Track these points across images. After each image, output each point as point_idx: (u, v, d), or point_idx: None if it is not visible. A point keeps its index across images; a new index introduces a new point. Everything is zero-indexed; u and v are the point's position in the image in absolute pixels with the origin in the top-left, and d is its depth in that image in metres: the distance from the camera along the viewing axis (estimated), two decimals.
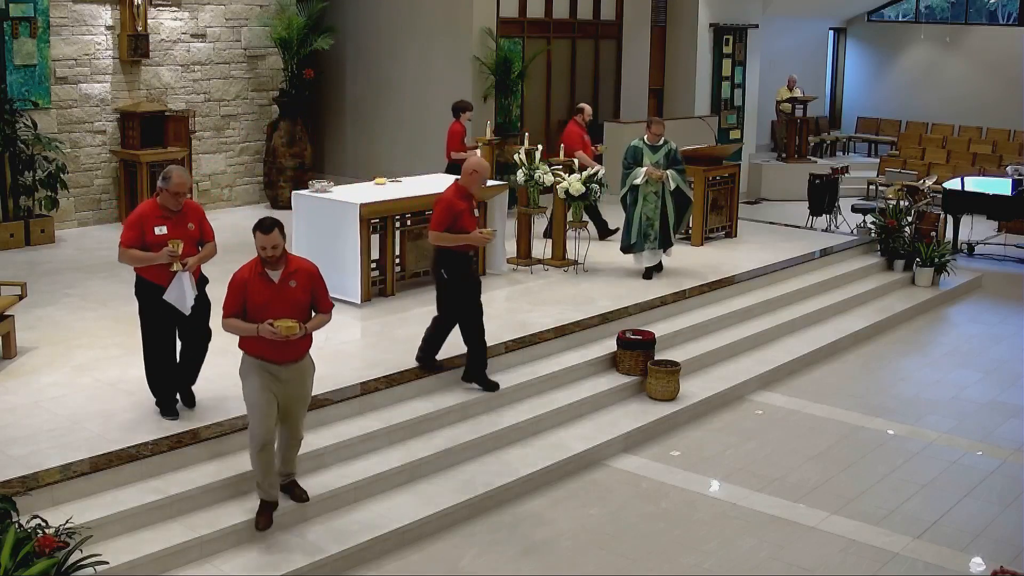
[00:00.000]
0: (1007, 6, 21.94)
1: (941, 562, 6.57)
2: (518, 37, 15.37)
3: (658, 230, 10.72)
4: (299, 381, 6.25)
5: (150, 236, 6.70)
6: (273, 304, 6.03)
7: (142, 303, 6.95)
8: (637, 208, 10.70)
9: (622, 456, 7.97)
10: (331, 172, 15.65)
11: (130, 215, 6.89)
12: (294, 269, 6.13)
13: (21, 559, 5.10)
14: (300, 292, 6.14)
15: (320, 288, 6.25)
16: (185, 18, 13.65)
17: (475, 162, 7.89)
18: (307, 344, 6.28)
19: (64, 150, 12.37)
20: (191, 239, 6.83)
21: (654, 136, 10.75)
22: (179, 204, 6.76)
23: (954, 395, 9.56)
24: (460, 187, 7.82)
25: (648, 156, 10.69)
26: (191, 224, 6.87)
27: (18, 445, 6.52)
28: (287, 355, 6.14)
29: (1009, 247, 14.92)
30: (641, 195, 10.67)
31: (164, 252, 6.65)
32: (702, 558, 6.56)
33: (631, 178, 10.66)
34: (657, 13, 17.68)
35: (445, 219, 7.66)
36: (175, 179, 6.68)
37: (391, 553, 6.44)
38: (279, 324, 5.90)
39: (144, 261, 6.74)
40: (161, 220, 6.74)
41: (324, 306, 6.28)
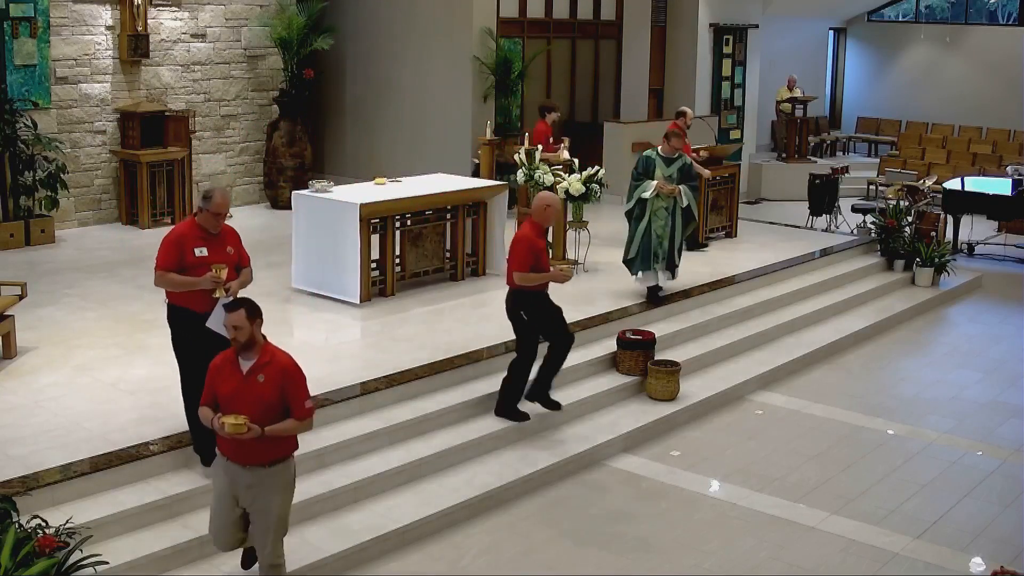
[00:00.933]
0: (1007, 6, 21.94)
1: (941, 562, 6.57)
2: (518, 37, 15.37)
3: (666, 249, 9.97)
4: (260, 493, 5.39)
5: (190, 257, 6.23)
6: (237, 398, 5.28)
7: (177, 331, 6.42)
8: (643, 223, 9.91)
9: (622, 456, 7.97)
10: (331, 172, 15.65)
11: (167, 236, 6.35)
12: (266, 361, 5.33)
13: (21, 559, 5.10)
14: (268, 389, 5.29)
15: (294, 387, 5.35)
16: (185, 18, 13.65)
17: (549, 197, 7.79)
18: (276, 450, 5.37)
19: (64, 150, 12.37)
20: (230, 263, 6.35)
21: (671, 149, 9.97)
22: (219, 226, 6.32)
23: (954, 395, 9.56)
24: (535, 224, 7.68)
25: (661, 169, 9.88)
26: (230, 248, 6.42)
27: (18, 445, 6.52)
28: (245, 457, 5.33)
29: (1009, 247, 14.92)
30: (650, 210, 9.87)
31: (207, 278, 6.17)
32: (702, 558, 6.55)
33: (640, 191, 9.87)
34: (657, 13, 17.68)
35: (528, 259, 7.55)
36: (217, 198, 6.24)
37: (391, 553, 6.44)
38: (224, 419, 5.17)
39: (185, 286, 6.23)
40: (201, 241, 6.28)
41: (298, 411, 5.35)
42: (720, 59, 18.61)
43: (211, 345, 6.14)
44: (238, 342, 5.29)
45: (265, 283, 10.36)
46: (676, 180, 9.89)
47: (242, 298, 5.42)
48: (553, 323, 7.83)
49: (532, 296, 7.68)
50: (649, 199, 9.84)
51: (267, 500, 5.38)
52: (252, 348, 5.32)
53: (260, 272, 10.78)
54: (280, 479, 5.42)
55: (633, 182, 9.95)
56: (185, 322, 6.32)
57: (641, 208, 9.93)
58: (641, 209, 9.93)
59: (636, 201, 9.93)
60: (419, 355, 8.33)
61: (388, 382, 7.76)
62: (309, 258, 10.02)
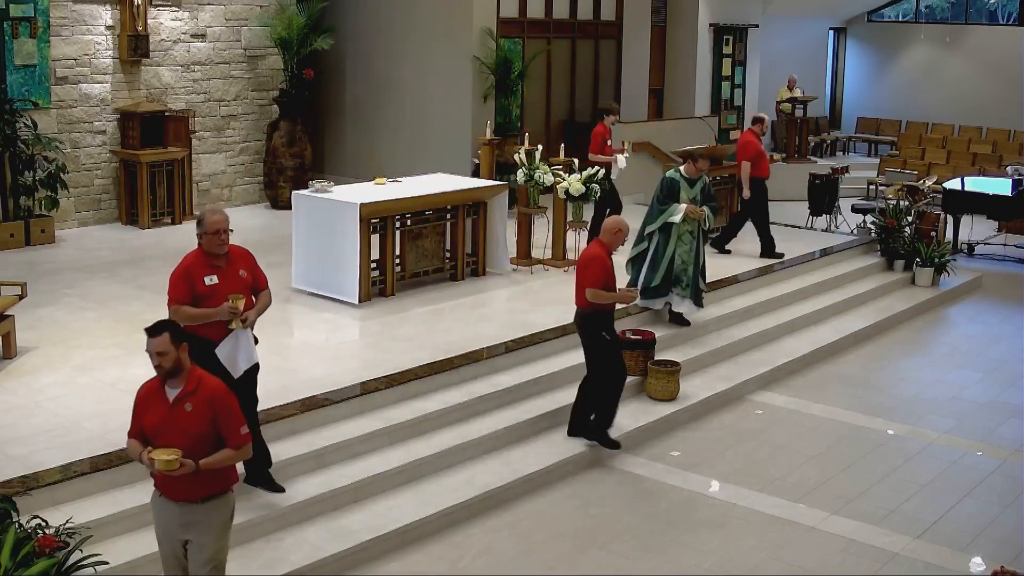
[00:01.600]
0: (1007, 6, 21.94)
1: (941, 562, 6.57)
2: (518, 37, 15.37)
3: (691, 276, 9.56)
4: (193, 532, 4.88)
5: (200, 288, 5.97)
6: (165, 430, 4.80)
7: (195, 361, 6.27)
8: (669, 249, 9.45)
9: (622, 456, 7.97)
10: (331, 172, 15.65)
11: (175, 269, 6.10)
12: (192, 388, 4.82)
13: (21, 559, 5.10)
14: (196, 418, 4.80)
15: (225, 415, 4.85)
16: (185, 18, 13.65)
17: (620, 222, 7.82)
18: (210, 485, 4.85)
19: (64, 150, 12.37)
20: (244, 287, 6.08)
21: (696, 171, 9.55)
22: (223, 245, 6.01)
23: (954, 395, 9.56)
24: (605, 245, 7.71)
25: (685, 191, 9.45)
26: (242, 271, 6.13)
27: (18, 445, 6.52)
28: (176, 492, 4.85)
29: (1009, 247, 14.92)
30: (675, 235, 9.43)
31: (224, 308, 5.93)
32: (702, 558, 6.55)
33: (667, 215, 9.37)
34: (657, 13, 17.69)
35: (602, 276, 7.59)
36: (208, 218, 5.99)
37: (391, 553, 6.44)
38: (155, 454, 4.70)
39: (201, 319, 5.96)
40: (210, 269, 6.01)
41: (232, 439, 4.85)
42: (720, 59, 18.62)
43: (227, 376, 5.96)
44: (163, 369, 4.78)
45: None
46: (699, 202, 9.52)
47: (165, 320, 4.91)
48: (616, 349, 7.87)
49: (603, 316, 7.74)
50: (676, 223, 9.41)
51: (201, 540, 4.87)
52: (179, 375, 4.82)
53: None
54: (215, 517, 4.90)
55: (659, 206, 9.45)
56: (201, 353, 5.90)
57: (665, 233, 9.48)
58: (665, 234, 9.48)
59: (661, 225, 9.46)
60: (419, 355, 8.33)
61: (388, 382, 7.76)
62: (309, 258, 10.02)
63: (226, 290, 5.95)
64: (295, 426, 7.05)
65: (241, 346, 6.06)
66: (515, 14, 15.39)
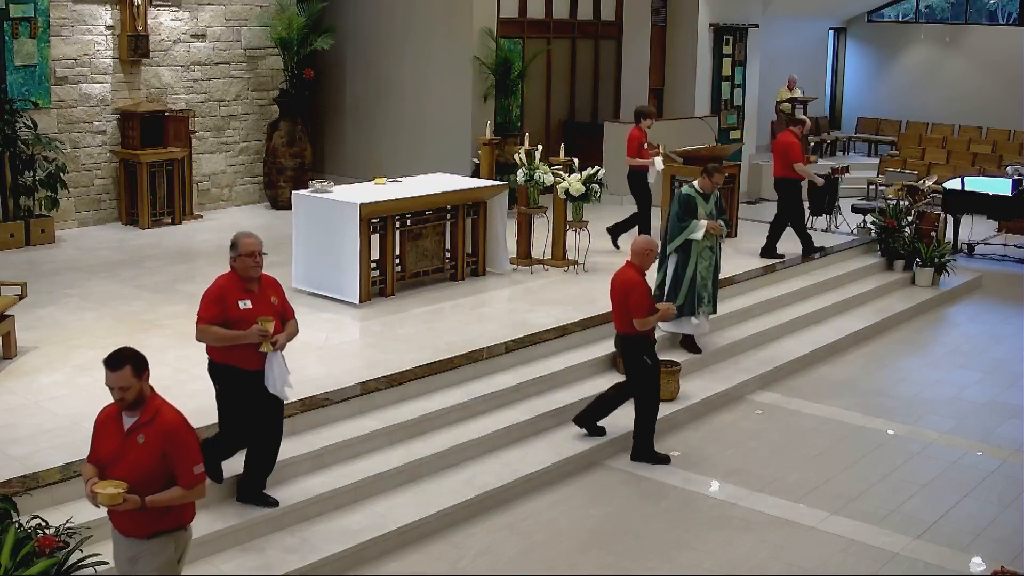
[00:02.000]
0: (1007, 6, 21.94)
1: (941, 562, 6.57)
2: (518, 37, 15.37)
3: (711, 292, 9.35)
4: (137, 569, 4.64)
5: (233, 312, 5.91)
6: (117, 461, 4.55)
7: (222, 390, 6.17)
8: (690, 267, 9.17)
9: (622, 456, 7.96)
10: (331, 172, 15.65)
11: (208, 290, 6.06)
12: (148, 420, 4.55)
13: (21, 559, 5.10)
14: (147, 452, 4.52)
15: (178, 451, 4.54)
16: (185, 18, 13.65)
17: (650, 241, 7.85)
18: (157, 521, 4.58)
19: (64, 150, 12.37)
20: (275, 314, 6.05)
21: (712, 185, 9.27)
22: (258, 268, 6.02)
23: (954, 395, 9.56)
24: (637, 266, 7.74)
25: (702, 206, 9.19)
26: (274, 298, 6.11)
27: (18, 445, 6.52)
28: (123, 525, 4.63)
29: (1009, 247, 14.92)
30: (695, 251, 9.15)
31: (254, 331, 5.87)
32: (702, 558, 6.55)
33: (688, 232, 9.10)
34: (657, 13, 17.67)
35: (646, 303, 7.63)
36: (243, 240, 5.99)
37: (391, 553, 6.44)
38: (97, 488, 4.45)
39: (229, 340, 5.93)
40: (244, 294, 5.98)
41: (184, 479, 4.55)
42: (720, 59, 18.59)
43: (259, 402, 6.04)
44: (125, 402, 4.53)
45: None
46: (714, 216, 9.28)
47: (125, 350, 4.57)
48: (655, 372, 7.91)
49: (645, 340, 7.77)
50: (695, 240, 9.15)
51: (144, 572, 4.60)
52: (139, 406, 4.57)
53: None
54: (158, 557, 4.60)
55: (679, 223, 9.16)
56: (230, 380, 6.05)
57: (684, 251, 9.19)
58: (685, 252, 9.19)
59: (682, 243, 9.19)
60: (419, 355, 8.33)
61: (388, 382, 7.76)
62: (309, 258, 10.02)
63: (258, 315, 5.93)
64: (295, 426, 7.04)
65: (277, 370, 6.02)
66: (515, 14, 15.38)
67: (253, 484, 6.37)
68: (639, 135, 11.99)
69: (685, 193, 9.26)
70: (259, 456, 6.31)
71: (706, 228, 9.11)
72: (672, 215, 9.27)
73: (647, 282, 7.78)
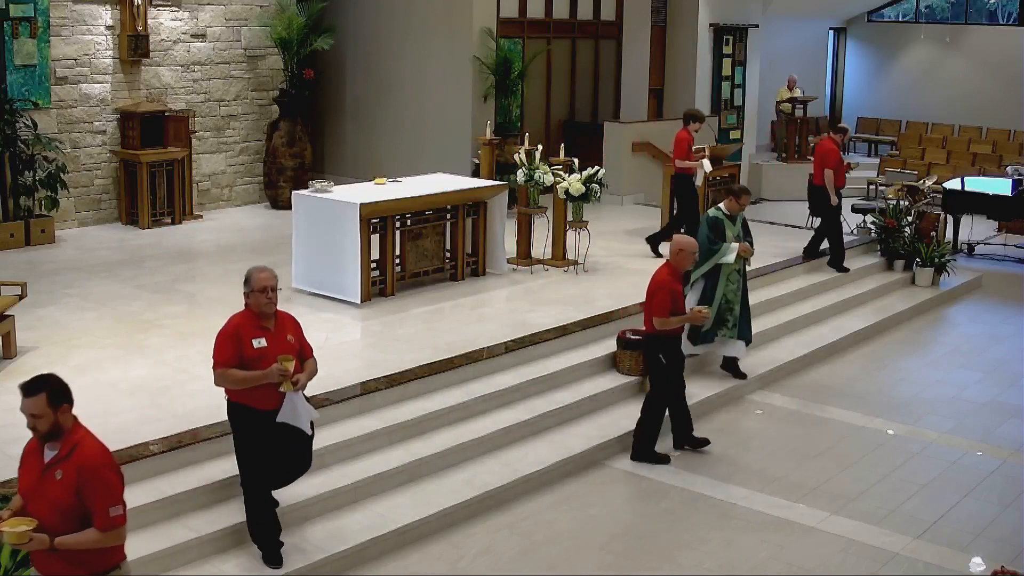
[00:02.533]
0: (1007, 6, 21.95)
1: (941, 562, 6.57)
2: (518, 37, 15.37)
3: (738, 315, 9.13)
4: None
5: (248, 351, 5.68)
6: (33, 496, 4.32)
7: (239, 432, 5.93)
8: (719, 291, 8.99)
9: (622, 456, 7.97)
10: (331, 172, 15.65)
11: (221, 330, 5.82)
12: (65, 454, 4.28)
13: (21, 559, 5.10)
14: (61, 489, 4.23)
15: (93, 489, 4.22)
16: (185, 18, 13.65)
17: (683, 241, 7.82)
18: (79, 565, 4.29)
19: (64, 150, 12.37)
20: (292, 352, 5.82)
21: (739, 207, 9.05)
22: (272, 304, 5.77)
23: (954, 395, 9.56)
24: (673, 268, 7.75)
25: (730, 229, 9.00)
26: (290, 336, 5.86)
27: (18, 445, 6.45)
28: (42, 566, 4.38)
29: (1009, 247, 14.92)
30: (723, 274, 8.99)
31: (273, 370, 5.63)
32: (702, 558, 6.55)
33: (719, 256, 8.92)
34: (657, 13, 17.68)
35: (667, 304, 7.63)
36: (256, 276, 5.76)
37: (391, 553, 6.44)
38: (5, 525, 4.21)
39: (250, 382, 5.69)
40: (259, 331, 5.74)
41: (98, 520, 4.23)
42: (720, 59, 18.60)
43: (277, 442, 5.81)
44: (38, 432, 4.27)
45: None
46: (742, 238, 9.10)
47: (46, 377, 4.37)
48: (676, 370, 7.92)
49: (671, 340, 7.80)
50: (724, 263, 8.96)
51: None
52: (57, 437, 4.29)
53: None
54: None
55: (710, 247, 8.90)
56: (248, 422, 5.83)
57: (714, 274, 9.00)
58: (714, 276, 9.00)
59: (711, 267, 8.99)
60: (419, 355, 8.33)
61: (388, 382, 7.76)
62: (309, 258, 10.02)
63: (275, 353, 5.68)
64: None
65: (300, 408, 5.83)
66: (515, 14, 15.39)
67: None
68: (688, 137, 11.88)
69: (713, 216, 9.02)
70: None
71: (739, 251, 8.93)
72: (702, 238, 8.90)
73: (679, 284, 7.77)
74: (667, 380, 7.85)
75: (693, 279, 8.96)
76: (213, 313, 9.38)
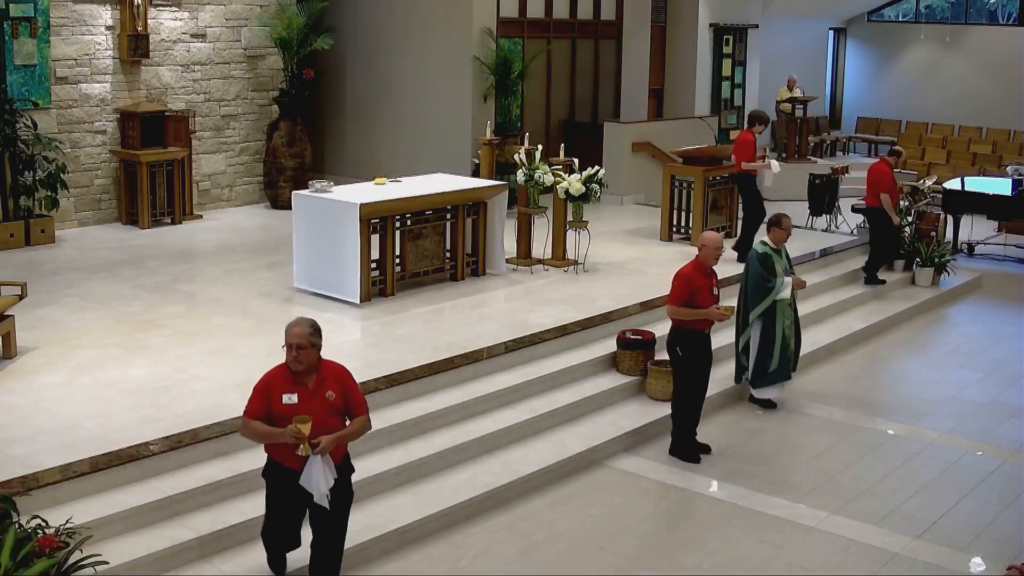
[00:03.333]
0: (1007, 6, 21.94)
1: (941, 562, 6.57)
2: (518, 37, 15.37)
3: (792, 351, 8.95)
4: None
5: (277, 406, 5.43)
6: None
7: (270, 486, 5.70)
8: (779, 327, 8.74)
9: (622, 456, 7.97)
10: (331, 172, 15.65)
11: (258, 382, 5.59)
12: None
13: (21, 559, 5.10)
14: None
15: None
16: (185, 18, 13.65)
17: (705, 236, 7.83)
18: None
19: (64, 150, 12.37)
20: (330, 410, 5.48)
21: (785, 234, 8.81)
22: (298, 362, 5.43)
23: (954, 395, 9.56)
24: (698, 262, 7.76)
25: (778, 263, 8.75)
26: (330, 392, 5.48)
27: (18, 445, 6.52)
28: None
29: (1009, 247, 14.92)
30: (779, 311, 8.74)
31: (287, 431, 5.32)
32: (702, 558, 6.55)
33: (775, 293, 8.64)
34: (657, 13, 17.68)
35: (683, 294, 7.65)
36: (288, 330, 5.47)
37: (391, 553, 6.44)
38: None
39: (267, 438, 5.48)
40: (292, 387, 5.45)
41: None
42: (720, 59, 18.61)
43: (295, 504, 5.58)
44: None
45: (265, 283, 10.39)
46: (789, 271, 8.89)
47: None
48: (699, 369, 7.90)
49: (690, 334, 7.77)
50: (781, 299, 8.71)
51: None
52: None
53: (260, 272, 10.83)
54: None
55: (764, 284, 8.65)
56: (275, 475, 5.61)
57: (770, 312, 8.73)
58: (770, 313, 8.73)
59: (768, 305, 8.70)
60: (419, 355, 8.33)
61: (388, 382, 7.76)
62: (309, 258, 10.02)
63: (307, 411, 5.36)
64: None
65: (315, 473, 5.40)
66: (515, 14, 15.39)
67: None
68: (752, 139, 11.93)
69: (762, 252, 8.73)
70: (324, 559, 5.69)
71: (794, 285, 8.74)
72: (755, 276, 8.67)
73: (702, 279, 7.71)
74: (684, 374, 7.84)
75: (752, 319, 8.73)
76: (213, 313, 9.40)
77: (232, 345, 8.52)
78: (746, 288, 8.77)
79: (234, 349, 8.43)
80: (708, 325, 7.85)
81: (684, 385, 7.88)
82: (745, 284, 8.80)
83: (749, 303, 8.74)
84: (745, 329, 8.81)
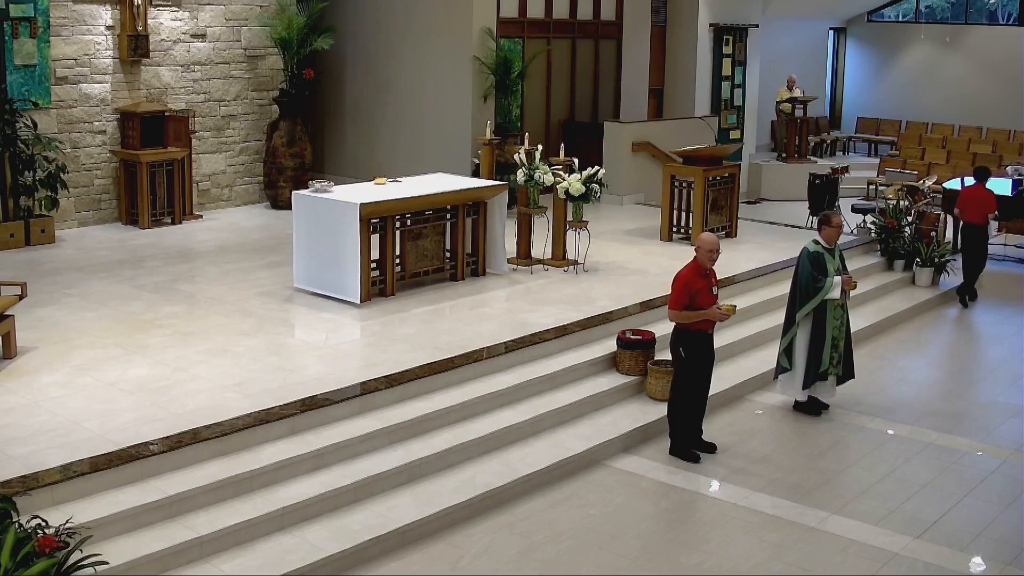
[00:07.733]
0: (1007, 6, 21.95)
1: (941, 562, 6.57)
2: (518, 37, 15.37)
3: (842, 352, 8.80)
4: None
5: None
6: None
7: None
8: (829, 327, 8.62)
9: (622, 456, 7.97)
10: (331, 172, 15.66)
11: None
12: None
13: (21, 559, 5.10)
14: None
15: None
16: (185, 18, 13.65)
17: (699, 238, 7.84)
18: None
19: (64, 150, 12.37)
20: None
21: (836, 233, 8.65)
22: None
23: (954, 395, 9.56)
24: (696, 264, 7.79)
25: (830, 263, 8.60)
26: None
27: (18, 445, 6.52)
28: None
29: (1009, 247, 14.92)
30: (830, 310, 8.62)
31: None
32: (702, 558, 6.56)
33: (824, 292, 8.49)
34: (657, 13, 17.69)
35: (683, 297, 7.68)
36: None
37: (391, 553, 6.44)
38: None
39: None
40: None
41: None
42: (720, 59, 18.62)
43: None
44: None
45: (265, 283, 10.39)
46: (842, 271, 8.73)
47: None
48: (701, 370, 7.92)
49: (693, 335, 7.80)
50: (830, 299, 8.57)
51: None
52: None
53: (260, 272, 10.84)
54: None
55: (813, 284, 8.51)
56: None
57: (820, 312, 8.60)
58: (820, 313, 8.60)
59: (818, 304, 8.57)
60: (419, 355, 8.33)
61: (388, 382, 7.76)
62: (309, 258, 10.02)
63: None
64: (295, 426, 7.05)
65: None
66: (515, 14, 15.39)
67: None
68: None
69: (813, 251, 8.61)
70: None
71: (844, 285, 8.57)
72: (806, 275, 8.57)
73: (701, 280, 7.71)
74: (686, 374, 7.85)
75: (799, 318, 8.63)
76: (213, 313, 9.40)
77: (232, 345, 8.53)
78: (796, 287, 8.70)
79: (234, 349, 8.43)
80: (711, 325, 7.85)
81: (684, 385, 7.89)
82: (795, 283, 8.73)
83: (797, 302, 8.65)
84: (790, 328, 8.74)
